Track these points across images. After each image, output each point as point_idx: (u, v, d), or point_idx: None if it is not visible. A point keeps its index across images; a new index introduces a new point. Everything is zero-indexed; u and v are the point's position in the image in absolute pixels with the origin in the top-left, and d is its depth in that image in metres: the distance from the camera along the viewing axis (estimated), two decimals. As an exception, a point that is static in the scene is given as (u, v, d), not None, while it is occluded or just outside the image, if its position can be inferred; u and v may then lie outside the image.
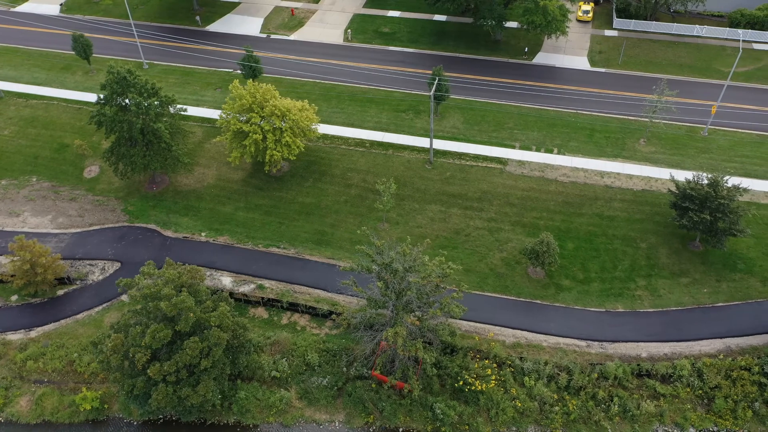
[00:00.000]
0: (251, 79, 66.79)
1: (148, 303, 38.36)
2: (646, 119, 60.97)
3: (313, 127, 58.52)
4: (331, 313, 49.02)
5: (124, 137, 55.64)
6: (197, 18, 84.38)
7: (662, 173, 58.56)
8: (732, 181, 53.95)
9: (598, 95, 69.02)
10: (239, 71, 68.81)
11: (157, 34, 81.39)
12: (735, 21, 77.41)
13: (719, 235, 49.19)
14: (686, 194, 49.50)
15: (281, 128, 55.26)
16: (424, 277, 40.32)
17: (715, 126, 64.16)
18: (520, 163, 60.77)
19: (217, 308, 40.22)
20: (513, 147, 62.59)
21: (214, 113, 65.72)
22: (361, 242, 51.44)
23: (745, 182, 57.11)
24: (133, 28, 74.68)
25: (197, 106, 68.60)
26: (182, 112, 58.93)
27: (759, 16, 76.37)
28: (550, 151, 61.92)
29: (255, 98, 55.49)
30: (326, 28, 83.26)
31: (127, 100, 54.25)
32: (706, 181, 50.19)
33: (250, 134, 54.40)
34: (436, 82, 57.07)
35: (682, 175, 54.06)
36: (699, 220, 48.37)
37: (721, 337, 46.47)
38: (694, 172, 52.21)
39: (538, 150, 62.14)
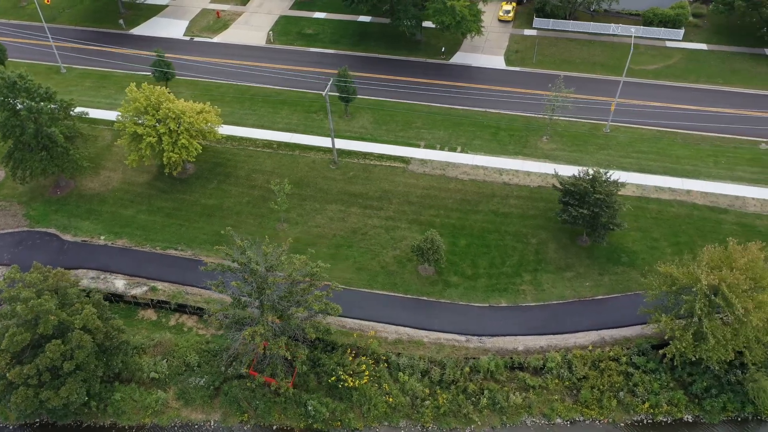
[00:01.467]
0: (164, 82, 67.49)
1: (7, 306, 38.52)
2: (547, 117, 62.16)
3: (215, 128, 58.98)
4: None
5: (20, 142, 55.70)
6: (121, 21, 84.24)
7: (560, 170, 59.43)
8: (625, 177, 55.69)
9: (510, 94, 69.90)
10: (152, 74, 68.98)
11: (78, 38, 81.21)
12: (648, 20, 79.00)
13: (599, 230, 50.35)
14: (566, 190, 50.55)
15: (177, 130, 55.59)
16: (290, 275, 40.89)
17: (617, 123, 65.37)
18: (423, 162, 61.52)
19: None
20: (418, 146, 63.35)
21: (123, 117, 65.98)
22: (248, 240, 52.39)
23: (638, 177, 58.87)
24: (47, 32, 74.27)
25: (110, 109, 68.24)
26: (84, 116, 59.18)
27: (671, 14, 77.89)
28: (454, 150, 62.77)
29: (150, 101, 55.70)
30: (250, 30, 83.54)
31: (19, 105, 54.37)
32: (590, 177, 51.36)
33: (144, 137, 54.67)
34: (330, 83, 57.48)
35: (579, 172, 55.21)
36: (578, 215, 49.44)
37: (596, 329, 47.49)
38: (581, 168, 53.32)
39: (442, 149, 62.96)
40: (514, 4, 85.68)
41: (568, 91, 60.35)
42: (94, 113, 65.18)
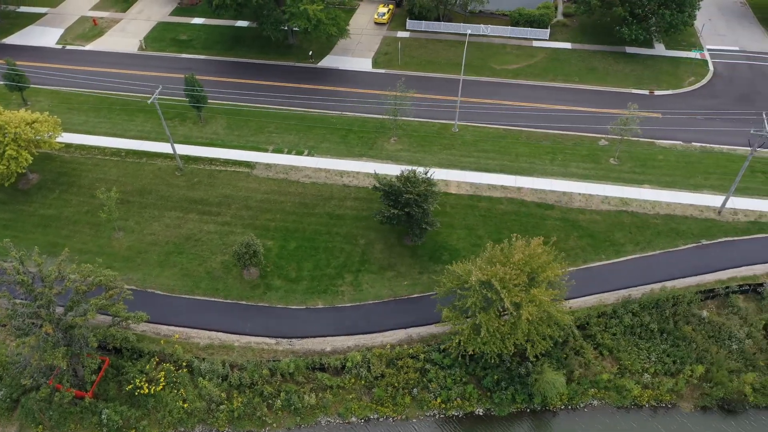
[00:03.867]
0: (18, 93, 66.83)
1: None
2: (391, 119, 62.81)
3: (52, 137, 58.52)
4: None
5: None
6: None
7: (399, 170, 59.42)
8: (461, 176, 56.91)
9: (372, 96, 70.46)
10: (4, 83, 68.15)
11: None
12: (515, 20, 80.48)
13: (415, 229, 51.21)
14: (383, 190, 51.23)
15: (3, 141, 55.05)
16: (73, 283, 40.94)
17: (468, 123, 66.50)
18: (268, 166, 61.82)
19: None
20: (266, 150, 63.71)
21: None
22: (87, 252, 52.31)
23: (474, 176, 59.90)
24: None
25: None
26: None
27: (535, 14, 79.47)
28: (301, 153, 63.21)
29: (-27, 112, 55.21)
30: (125, 37, 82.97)
31: None
32: (422, 176, 52.04)
33: (-34, 149, 54.15)
34: (159, 90, 57.11)
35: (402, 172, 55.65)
36: (391, 215, 50.20)
37: (405, 327, 48.37)
38: (408, 167, 53.91)
39: (289, 152, 63.31)
40: (391, 6, 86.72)
41: (410, 92, 61.46)
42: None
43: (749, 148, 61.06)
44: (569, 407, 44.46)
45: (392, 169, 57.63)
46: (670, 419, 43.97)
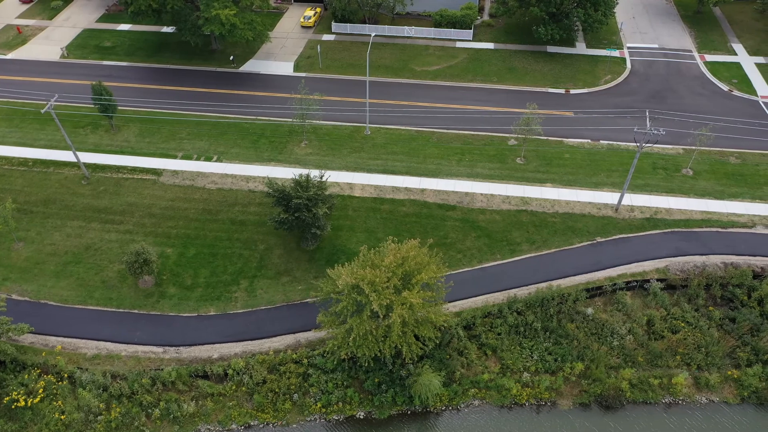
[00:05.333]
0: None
1: None
2: (300, 122, 62.75)
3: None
4: None
5: None
6: None
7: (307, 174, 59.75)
8: (367, 178, 57.32)
9: (288, 100, 70.16)
10: None
11: None
12: (437, 21, 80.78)
13: (305, 233, 51.21)
14: (272, 195, 51.11)
15: None
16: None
17: (381, 125, 66.58)
18: (175, 172, 61.52)
19: None
20: (175, 157, 63.46)
21: None
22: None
23: (380, 178, 59.94)
24: None
25: None
26: None
27: (458, 15, 79.83)
28: (210, 159, 62.99)
29: None
30: (49, 45, 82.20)
31: None
32: (316, 180, 52.07)
33: None
34: (54, 99, 56.34)
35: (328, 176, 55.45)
36: (281, 220, 50.18)
37: (294, 332, 48.32)
38: (314, 171, 53.42)
39: (198, 158, 63.11)
40: (318, 9, 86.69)
41: (316, 95, 61.50)
42: None
43: (652, 145, 62.09)
44: (450, 408, 44.64)
45: (297, 174, 57.75)
46: (549, 417, 44.21)
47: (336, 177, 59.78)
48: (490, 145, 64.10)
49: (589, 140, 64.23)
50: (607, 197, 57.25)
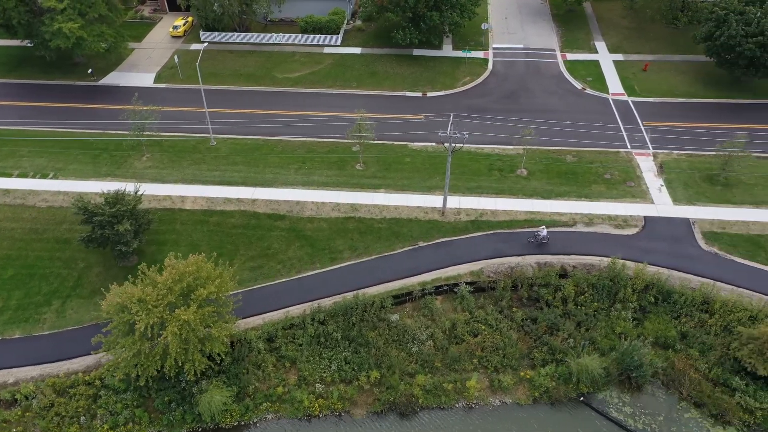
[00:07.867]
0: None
1: None
2: (137, 138, 61.75)
3: None
4: None
5: None
6: None
7: (149, 189, 57.62)
8: (201, 190, 56.85)
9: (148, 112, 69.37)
10: None
11: None
12: (303, 27, 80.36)
13: (113, 251, 50.42)
14: (78, 212, 50.13)
15: None
16: None
17: (227, 135, 65.79)
18: (6, 191, 59.83)
19: None
20: (11, 175, 61.94)
21: None
22: None
23: (213, 190, 58.95)
24: None
25: None
26: None
27: (323, 21, 79.47)
28: (46, 176, 61.71)
29: None
30: None
31: None
32: (130, 195, 51.26)
33: None
34: None
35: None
36: (87, 237, 49.24)
37: (96, 353, 47.53)
38: (126, 186, 52.99)
39: (34, 176, 61.75)
40: (190, 18, 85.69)
41: (150, 107, 60.67)
42: None
43: (496, 146, 62.52)
44: (242, 423, 44.13)
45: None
46: (343, 427, 44.06)
47: (170, 190, 59.01)
48: (334, 152, 63.76)
49: (434, 144, 64.29)
50: (438, 201, 57.29)
